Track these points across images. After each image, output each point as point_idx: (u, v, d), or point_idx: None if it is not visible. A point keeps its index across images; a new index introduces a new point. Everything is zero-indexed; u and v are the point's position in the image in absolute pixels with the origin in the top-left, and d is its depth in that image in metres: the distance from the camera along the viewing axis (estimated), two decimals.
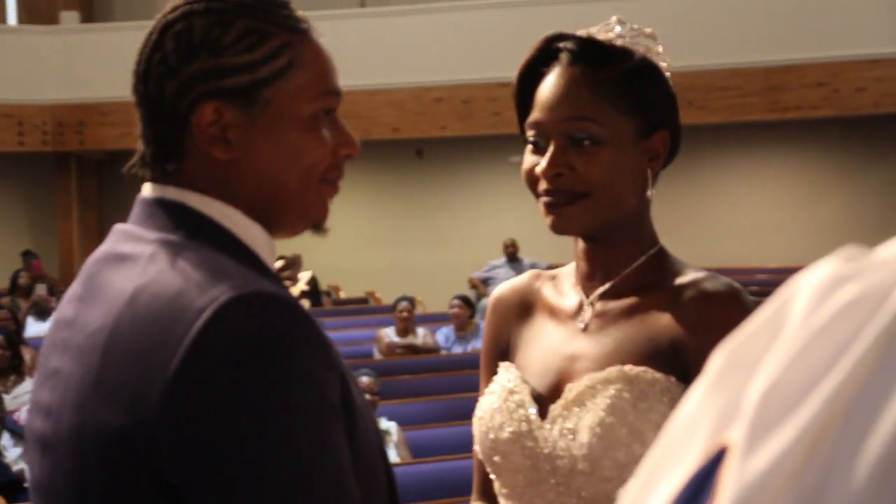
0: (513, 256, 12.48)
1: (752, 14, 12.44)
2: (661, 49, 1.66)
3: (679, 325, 1.55)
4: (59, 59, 14.32)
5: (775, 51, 12.35)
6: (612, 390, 1.53)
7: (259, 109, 1.26)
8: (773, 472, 0.50)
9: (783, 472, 0.50)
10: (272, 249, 1.32)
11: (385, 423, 6.55)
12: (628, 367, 1.54)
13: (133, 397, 1.14)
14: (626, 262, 1.63)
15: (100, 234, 14.76)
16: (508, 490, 1.62)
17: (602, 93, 1.58)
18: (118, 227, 1.30)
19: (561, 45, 1.62)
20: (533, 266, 12.48)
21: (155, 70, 1.27)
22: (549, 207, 1.58)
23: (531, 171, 1.60)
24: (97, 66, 13.75)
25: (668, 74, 1.66)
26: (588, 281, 1.65)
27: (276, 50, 1.27)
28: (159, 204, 1.28)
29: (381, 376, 7.05)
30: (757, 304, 1.54)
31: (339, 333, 9.57)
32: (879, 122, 13.06)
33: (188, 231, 1.25)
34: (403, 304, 9.30)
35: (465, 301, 9.74)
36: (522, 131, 1.63)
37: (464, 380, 7.54)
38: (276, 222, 1.31)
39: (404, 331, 9.26)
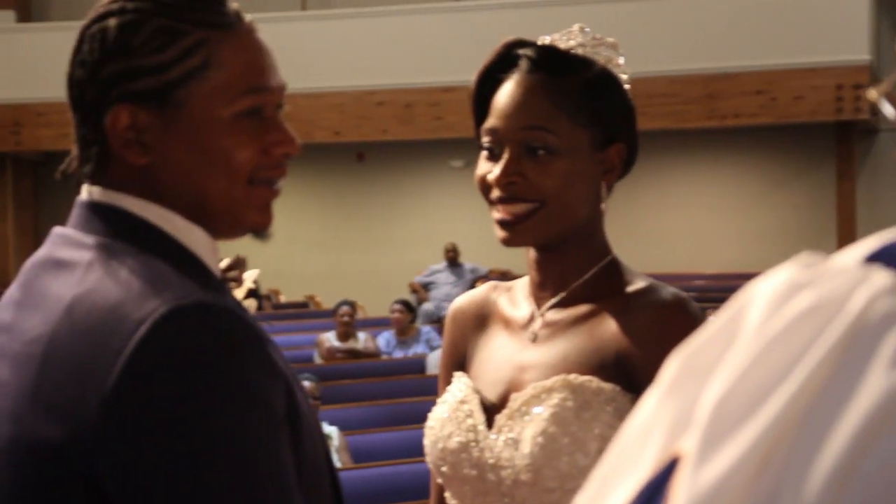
0: (453, 261, 12.47)
1: (691, 22, 12.55)
2: (622, 60, 1.65)
3: (625, 335, 1.55)
4: None
5: (714, 59, 12.47)
6: (555, 399, 1.52)
7: (173, 112, 1.22)
8: (725, 483, 0.49)
9: (735, 483, 0.49)
10: (215, 251, 1.29)
11: (326, 428, 6.51)
12: (573, 376, 1.54)
13: (71, 410, 1.12)
14: (578, 273, 1.62)
15: (35, 236, 14.55)
16: (458, 501, 1.62)
17: (559, 102, 1.57)
18: (56, 231, 1.28)
19: (521, 51, 1.61)
20: (473, 271, 12.51)
21: (76, 73, 1.25)
22: (502, 224, 1.58)
23: (484, 177, 1.60)
24: (33, 67, 13.55)
25: (627, 87, 1.65)
26: (539, 291, 1.65)
27: (187, 49, 1.22)
28: (96, 208, 1.25)
29: (322, 381, 7.02)
30: (702, 312, 1.55)
31: (279, 338, 9.49)
32: (816, 130, 13.23)
33: (126, 236, 1.22)
34: (344, 309, 9.27)
35: (406, 305, 9.73)
36: (479, 136, 1.62)
37: (405, 384, 7.53)
38: (211, 227, 1.27)
39: (345, 335, 9.23)
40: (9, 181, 14.97)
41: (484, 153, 1.61)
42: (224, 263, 1.39)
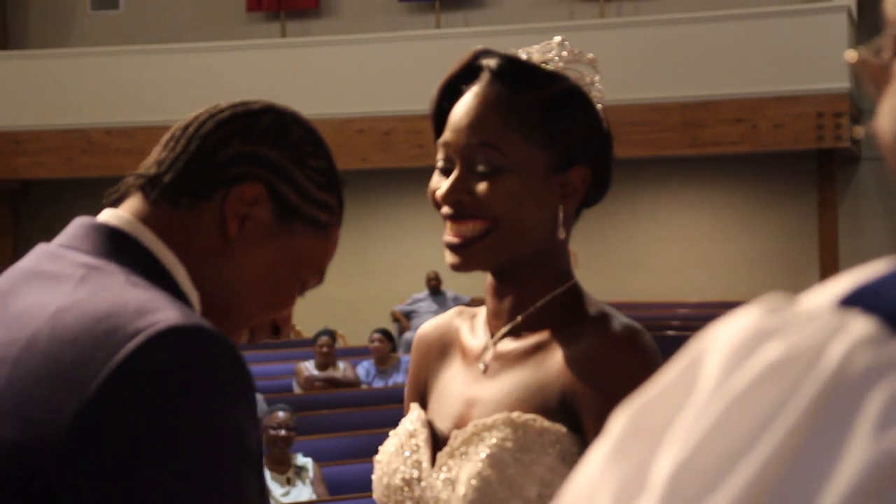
0: (436, 290, 12.41)
1: (671, 50, 12.57)
2: (597, 78, 1.56)
3: (569, 370, 1.44)
4: None
5: (694, 86, 12.48)
6: (494, 439, 1.42)
7: (282, 230, 1.28)
8: None
9: None
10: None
11: (301, 460, 6.43)
12: (515, 414, 1.44)
13: (40, 414, 1.07)
14: (533, 300, 1.52)
15: (14, 263, 14.39)
16: None
17: (515, 120, 1.48)
18: (42, 247, 1.24)
19: (484, 62, 1.53)
20: (456, 299, 12.44)
21: (234, 125, 1.28)
22: (452, 248, 1.50)
23: (434, 193, 1.52)
24: (10, 94, 13.46)
25: (600, 106, 1.54)
26: (495, 319, 1.56)
27: (328, 205, 1.32)
28: (107, 231, 1.22)
29: (299, 411, 6.93)
30: (669, 338, 1.46)
31: (258, 367, 9.42)
32: (797, 158, 13.24)
33: (129, 263, 1.19)
34: (324, 339, 9.21)
35: (386, 335, 9.66)
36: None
37: (384, 414, 7.44)
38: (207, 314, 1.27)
39: (324, 365, 9.16)
40: None
41: (437, 167, 1.54)
42: None
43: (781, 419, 0.42)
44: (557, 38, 1.57)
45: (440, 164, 1.53)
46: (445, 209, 1.50)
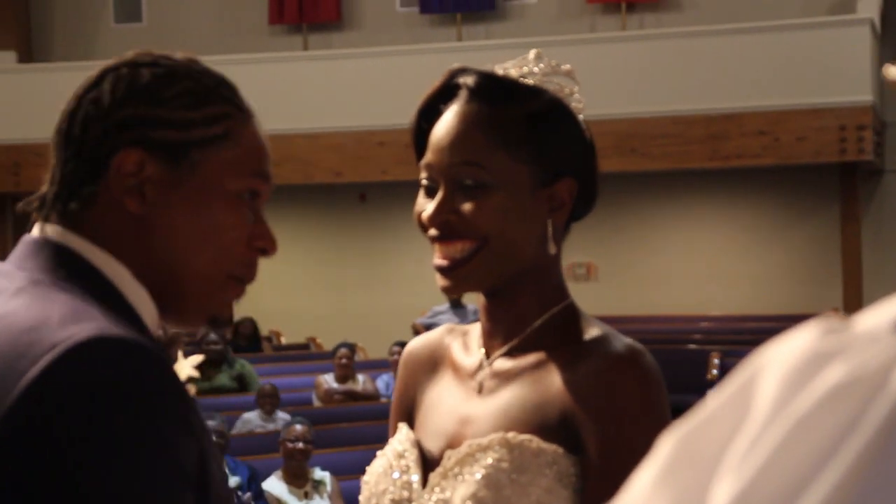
0: (457, 302, 12.37)
1: (694, 62, 12.53)
2: (576, 89, 1.53)
3: (569, 390, 1.41)
4: None
5: (717, 99, 12.43)
6: (489, 459, 1.39)
7: (184, 171, 1.20)
8: None
9: None
10: (155, 319, 1.21)
11: (319, 474, 6.41)
12: (511, 435, 1.41)
13: None
14: (529, 320, 1.50)
15: None
16: None
17: (497, 136, 1.45)
18: None
19: (461, 80, 1.51)
20: (477, 313, 12.34)
21: (85, 109, 1.21)
22: (441, 271, 1.47)
23: (420, 215, 1.50)
24: (34, 107, 13.51)
25: (581, 117, 1.52)
26: (489, 339, 1.53)
27: (214, 116, 1.23)
28: (44, 245, 1.18)
29: (318, 424, 6.91)
30: (691, 352, 1.43)
31: (279, 379, 9.40)
32: (820, 171, 13.17)
33: (65, 274, 1.15)
34: (343, 351, 9.19)
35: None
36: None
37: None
38: (171, 306, 1.21)
39: (343, 377, 9.14)
40: (9, 221, 14.94)
41: (422, 189, 1.51)
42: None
43: (848, 446, 0.40)
44: (534, 52, 1.55)
45: (424, 184, 1.50)
46: (432, 231, 1.48)
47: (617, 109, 12.46)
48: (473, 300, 12.31)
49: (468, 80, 1.50)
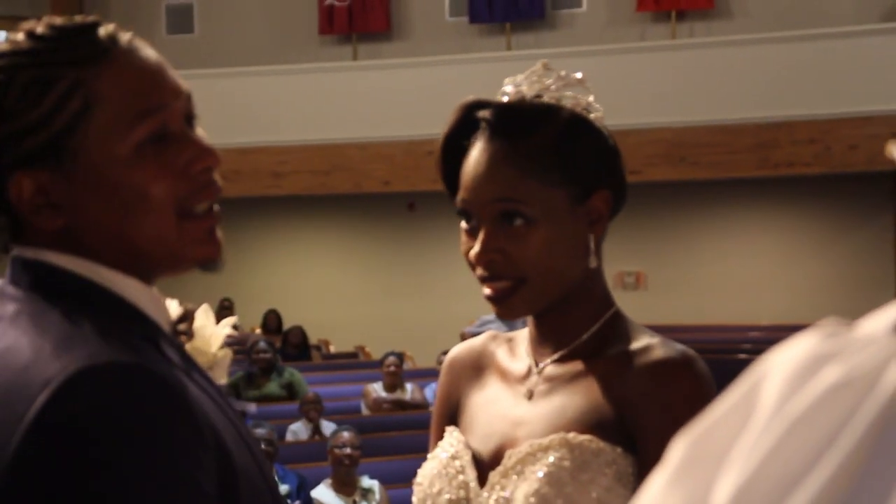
0: None
1: (744, 71, 12.47)
2: (591, 98, 1.54)
3: (625, 394, 1.45)
4: None
5: (767, 107, 12.37)
6: (551, 458, 1.43)
7: (71, 164, 1.11)
8: None
9: None
10: (154, 298, 1.17)
11: (367, 482, 6.44)
12: (571, 435, 1.44)
13: None
14: (578, 329, 1.53)
15: None
16: None
17: (528, 168, 1.46)
18: None
19: (480, 114, 1.51)
20: (525, 321, 12.37)
21: None
22: (491, 301, 1.50)
23: (467, 253, 1.52)
24: None
25: (600, 125, 1.53)
26: (539, 347, 1.57)
27: (63, 94, 1.11)
28: (24, 263, 1.15)
29: (366, 432, 6.94)
30: (741, 361, 1.45)
31: (327, 388, 9.47)
32: (872, 179, 13.06)
33: (50, 290, 1.11)
34: (391, 360, 9.22)
35: None
36: (454, 198, 1.54)
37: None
38: (151, 271, 1.15)
39: (392, 386, 9.17)
40: None
41: (463, 226, 1.53)
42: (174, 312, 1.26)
43: (841, 441, 0.42)
44: (541, 63, 1.55)
45: (464, 224, 1.53)
46: (479, 270, 1.50)
47: (666, 118, 12.43)
48: None
49: (487, 114, 1.50)
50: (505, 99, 1.54)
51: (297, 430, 7.91)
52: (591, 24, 14.04)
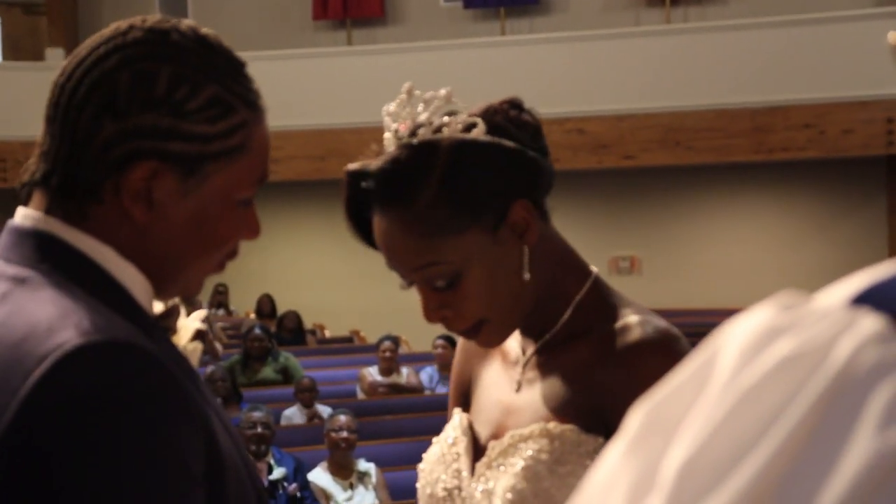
0: None
1: (739, 55, 12.46)
2: (464, 114, 1.44)
3: (605, 381, 1.41)
4: (45, 96, 14.21)
5: (762, 92, 12.36)
6: (530, 451, 1.40)
7: (196, 182, 1.16)
8: None
9: None
10: (148, 293, 1.19)
11: (364, 465, 6.45)
12: (552, 425, 1.41)
13: None
14: (557, 314, 1.49)
15: None
16: None
17: (428, 230, 1.40)
18: None
19: (364, 185, 1.45)
20: None
21: (97, 100, 1.14)
22: (467, 338, 1.50)
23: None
24: (20, 104, 13.57)
25: (480, 136, 1.42)
26: (525, 335, 1.54)
27: (233, 128, 1.18)
28: (27, 234, 1.15)
29: (362, 416, 6.95)
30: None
31: (323, 372, 9.47)
32: (866, 163, 13.06)
33: (53, 265, 1.12)
34: (387, 344, 9.23)
35: (450, 341, 9.66)
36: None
37: (446, 420, 7.45)
38: (156, 285, 1.19)
39: (387, 370, 9.18)
40: None
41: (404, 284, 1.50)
42: (157, 309, 1.29)
43: (788, 415, 0.43)
44: (405, 88, 1.48)
45: (402, 283, 1.49)
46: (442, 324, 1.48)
47: (661, 103, 12.42)
48: None
49: (370, 185, 1.44)
50: (387, 137, 1.47)
51: (292, 416, 7.92)
52: (585, 8, 14.01)
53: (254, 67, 1.32)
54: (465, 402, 1.62)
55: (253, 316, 13.00)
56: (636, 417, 0.49)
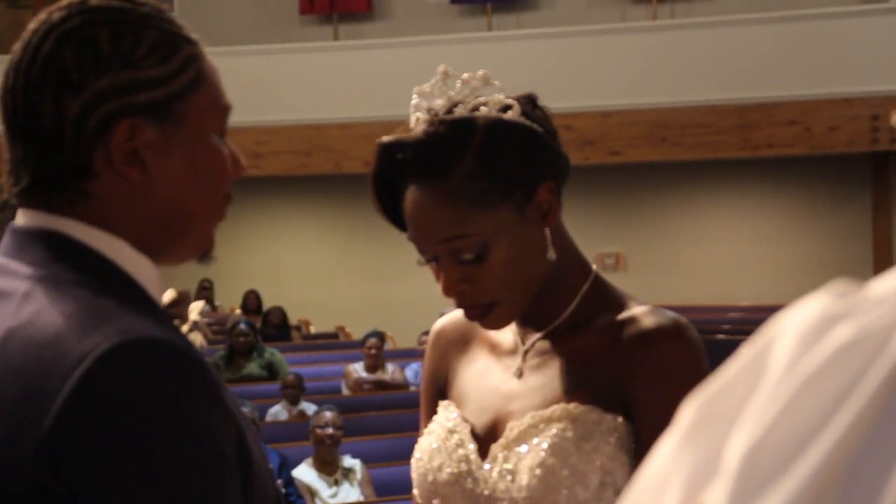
0: None
1: (725, 52, 12.49)
2: (501, 94, 1.51)
3: (620, 364, 1.47)
4: None
5: (748, 88, 12.39)
6: (554, 429, 1.45)
7: (173, 126, 1.17)
8: None
9: None
10: (160, 284, 1.20)
11: (349, 461, 6.45)
12: (573, 406, 1.46)
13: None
14: (560, 306, 1.54)
15: None
16: None
17: (462, 202, 1.45)
18: None
19: (400, 156, 1.49)
20: None
21: (51, 85, 1.14)
22: (472, 318, 1.52)
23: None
24: None
25: (519, 120, 1.49)
26: (524, 325, 1.57)
27: (185, 62, 1.18)
28: (34, 234, 1.15)
29: (347, 412, 6.95)
30: (721, 342, 1.46)
31: (308, 368, 9.47)
32: (851, 160, 13.11)
33: (68, 264, 1.13)
34: (372, 341, 9.23)
35: None
36: (403, 231, 1.53)
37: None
38: (167, 249, 1.20)
39: (373, 367, 9.19)
40: None
41: (422, 261, 1.53)
42: (168, 298, 1.28)
43: (852, 400, 0.43)
44: (441, 69, 1.53)
45: (424, 258, 1.53)
46: (455, 301, 1.51)
47: (648, 99, 12.43)
48: None
49: (406, 155, 1.48)
50: (419, 116, 1.51)
51: (277, 413, 7.92)
52: (572, 4, 14.02)
53: (240, 62, 1.33)
54: (441, 395, 1.64)
55: (238, 311, 12.99)
56: (688, 411, 0.49)
